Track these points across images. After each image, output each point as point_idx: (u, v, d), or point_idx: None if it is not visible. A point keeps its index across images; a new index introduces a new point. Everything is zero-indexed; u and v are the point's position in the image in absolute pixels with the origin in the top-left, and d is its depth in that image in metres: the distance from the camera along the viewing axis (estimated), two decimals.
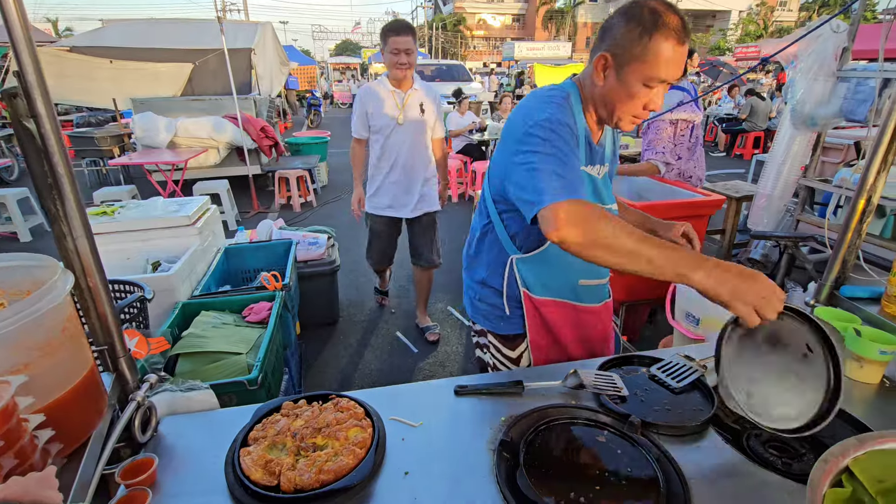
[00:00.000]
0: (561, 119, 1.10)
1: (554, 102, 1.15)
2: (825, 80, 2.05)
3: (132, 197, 5.41)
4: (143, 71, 7.48)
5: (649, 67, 1.06)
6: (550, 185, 1.00)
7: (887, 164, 1.29)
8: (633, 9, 1.06)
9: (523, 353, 1.42)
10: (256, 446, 0.96)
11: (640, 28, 1.04)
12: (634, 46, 1.05)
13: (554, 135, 1.07)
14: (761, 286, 0.91)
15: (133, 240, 2.40)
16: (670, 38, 1.03)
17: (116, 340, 0.95)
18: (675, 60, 1.05)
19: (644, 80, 1.08)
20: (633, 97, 1.11)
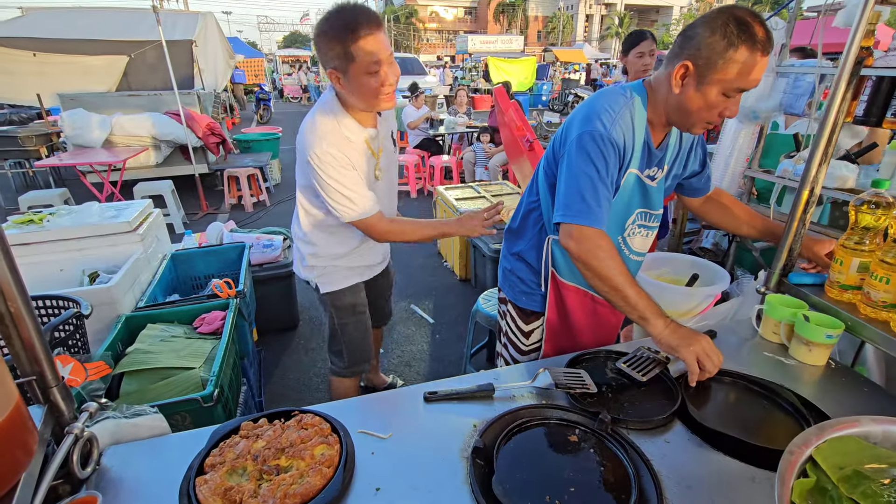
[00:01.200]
0: (612, 137, 1.18)
1: (615, 111, 1.20)
2: (766, 75, 2.15)
3: (64, 201, 5.01)
4: (72, 64, 6.90)
5: (732, 78, 1.07)
6: (576, 205, 1.18)
7: (827, 157, 1.36)
8: (717, 19, 1.06)
9: (535, 329, 1.54)
10: (214, 473, 0.89)
11: (726, 40, 1.05)
12: (718, 57, 1.06)
13: (599, 154, 1.18)
14: (706, 343, 1.15)
15: (66, 249, 2.20)
16: (756, 51, 1.05)
17: (46, 369, 0.85)
18: (757, 71, 1.07)
19: (725, 90, 1.10)
20: (712, 106, 1.13)
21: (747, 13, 1.06)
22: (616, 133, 1.19)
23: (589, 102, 1.27)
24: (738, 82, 1.08)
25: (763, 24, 1.06)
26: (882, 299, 1.22)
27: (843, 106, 1.32)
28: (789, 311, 1.35)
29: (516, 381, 1.20)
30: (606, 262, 1.17)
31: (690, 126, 1.22)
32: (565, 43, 40.45)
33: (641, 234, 1.44)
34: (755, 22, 1.05)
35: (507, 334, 1.61)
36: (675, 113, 1.21)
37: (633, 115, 1.23)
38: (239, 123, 12.96)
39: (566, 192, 1.21)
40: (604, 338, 1.58)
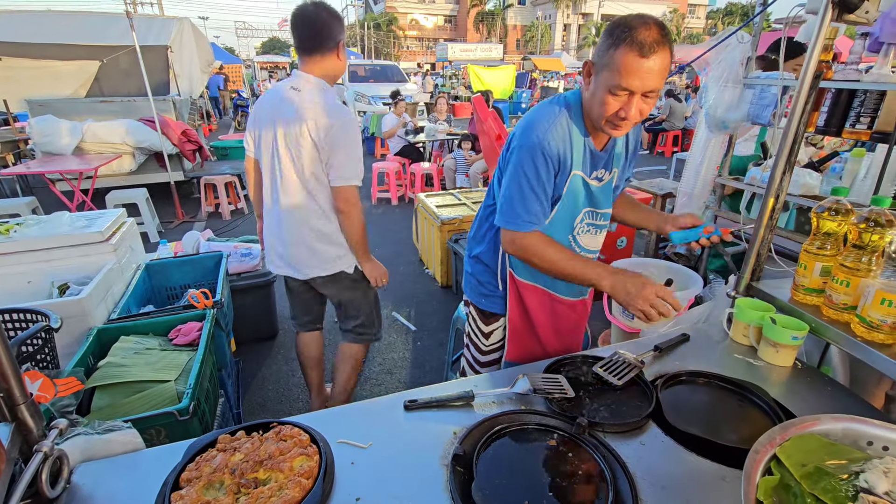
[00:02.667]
0: (544, 148, 1.26)
1: (549, 122, 1.28)
2: (734, 86, 2.23)
3: (32, 210, 4.85)
4: (41, 69, 6.70)
5: (611, 76, 1.14)
6: (507, 213, 1.33)
7: (791, 166, 1.42)
8: (614, 23, 1.15)
9: (495, 330, 1.61)
10: (190, 488, 0.87)
11: (610, 40, 1.14)
12: (605, 56, 1.15)
13: (531, 165, 1.27)
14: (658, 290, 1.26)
15: (34, 260, 2.13)
16: (632, 50, 1.10)
17: (14, 385, 0.83)
18: (638, 72, 1.11)
19: (608, 88, 1.16)
20: (603, 104, 1.19)
21: (641, 20, 1.11)
22: (548, 144, 1.27)
23: (527, 115, 1.36)
24: (618, 80, 1.13)
25: (653, 30, 1.10)
26: (843, 301, 1.28)
27: (804, 118, 1.38)
28: (757, 314, 1.39)
29: (496, 388, 1.22)
30: (541, 254, 1.32)
31: (599, 126, 1.27)
32: (543, 51, 41.11)
33: (591, 233, 1.52)
34: (643, 26, 1.10)
35: (469, 335, 1.69)
36: (587, 114, 1.29)
37: (568, 123, 1.30)
38: (216, 130, 12.77)
39: (502, 200, 1.35)
40: (567, 336, 1.62)
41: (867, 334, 1.20)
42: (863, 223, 1.23)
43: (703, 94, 2.39)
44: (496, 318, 1.59)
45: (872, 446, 0.79)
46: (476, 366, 1.70)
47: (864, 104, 1.79)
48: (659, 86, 1.16)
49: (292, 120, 1.83)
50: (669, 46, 1.13)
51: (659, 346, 1.42)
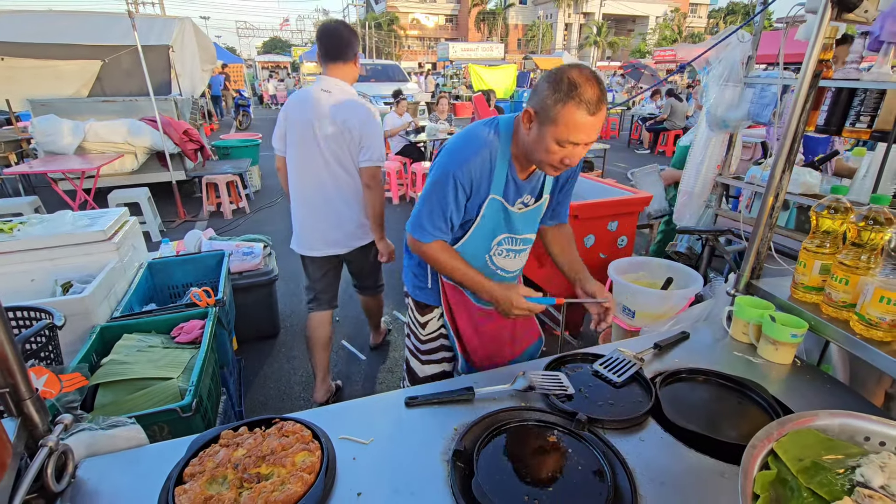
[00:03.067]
0: (457, 175, 1.33)
1: (471, 150, 1.34)
2: (734, 85, 2.24)
3: (35, 210, 4.87)
4: (43, 69, 6.72)
5: (561, 130, 1.18)
6: (416, 223, 1.42)
7: (791, 164, 1.42)
8: (557, 75, 1.18)
9: (430, 321, 1.69)
10: (193, 482, 0.88)
11: (557, 94, 1.16)
12: (551, 110, 1.18)
13: (443, 189, 1.35)
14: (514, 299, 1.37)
15: (38, 259, 2.15)
16: (581, 108, 1.15)
17: (20, 381, 0.84)
18: (585, 127, 1.18)
19: (556, 140, 1.21)
20: (549, 152, 1.24)
21: (584, 76, 1.16)
22: (464, 173, 1.33)
23: (456, 136, 1.41)
24: (567, 135, 1.19)
25: (595, 87, 1.16)
26: (842, 299, 1.29)
27: (803, 116, 1.39)
28: (757, 312, 1.40)
29: (496, 385, 1.22)
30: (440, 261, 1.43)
31: (540, 166, 1.34)
32: (545, 51, 41.07)
33: (509, 257, 1.55)
34: (588, 84, 1.15)
35: (410, 325, 1.78)
36: (526, 152, 1.33)
37: (492, 152, 1.35)
38: (218, 129, 12.79)
39: (414, 210, 1.43)
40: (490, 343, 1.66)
41: (866, 332, 1.21)
42: (862, 221, 1.24)
43: (704, 94, 2.39)
44: (430, 310, 1.68)
45: (869, 442, 0.80)
46: (418, 354, 1.76)
47: (863, 103, 1.80)
48: (597, 136, 1.24)
49: (327, 116, 2.15)
50: (606, 99, 1.20)
51: (658, 344, 1.42)
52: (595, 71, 1.20)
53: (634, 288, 2.09)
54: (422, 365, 1.75)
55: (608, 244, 2.71)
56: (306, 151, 2.22)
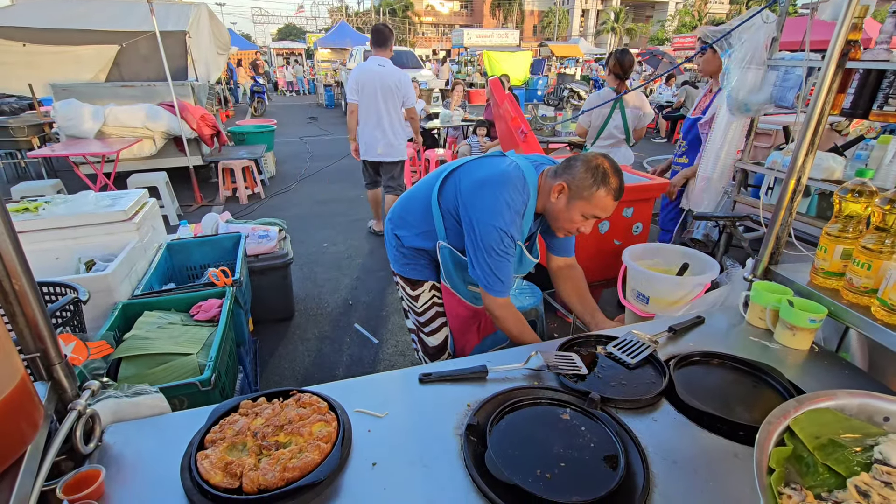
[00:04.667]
0: (512, 233, 1.45)
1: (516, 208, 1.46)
2: (757, 68, 2.18)
3: (57, 192, 4.98)
4: (62, 54, 6.80)
5: (591, 208, 1.44)
6: (496, 285, 1.50)
7: (814, 147, 1.39)
8: (594, 161, 1.42)
9: (421, 293, 1.83)
10: (214, 449, 0.91)
11: (592, 178, 1.40)
12: (584, 190, 1.42)
13: (504, 245, 1.45)
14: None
15: (62, 238, 2.20)
16: (610, 194, 1.41)
17: (50, 346, 0.87)
18: (608, 209, 1.44)
19: (583, 214, 1.46)
20: (573, 222, 1.48)
21: (613, 167, 1.42)
22: (515, 229, 1.47)
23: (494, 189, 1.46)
24: (594, 212, 1.44)
25: (620, 177, 1.42)
26: (863, 285, 1.26)
27: (829, 97, 1.35)
28: (775, 297, 1.38)
29: (509, 364, 1.23)
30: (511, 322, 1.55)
31: (556, 229, 1.56)
32: (561, 38, 40.36)
33: None
34: (615, 175, 1.41)
35: (404, 302, 1.91)
36: (549, 215, 1.54)
37: (527, 206, 1.50)
38: (233, 116, 12.88)
39: (485, 272, 1.49)
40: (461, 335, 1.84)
41: (888, 317, 1.19)
42: (887, 205, 1.21)
43: (725, 77, 2.34)
44: (420, 284, 1.82)
45: (889, 422, 0.79)
46: (421, 328, 1.88)
47: (892, 85, 1.74)
48: None
49: (385, 79, 4.00)
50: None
51: (673, 328, 1.42)
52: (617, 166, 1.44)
53: (649, 274, 2.07)
54: (427, 337, 1.87)
55: (623, 231, 2.68)
56: (372, 100, 4.05)
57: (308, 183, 7.08)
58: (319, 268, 4.25)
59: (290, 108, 16.30)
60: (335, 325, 3.35)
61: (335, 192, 6.60)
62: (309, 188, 6.81)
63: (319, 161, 8.32)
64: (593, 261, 2.67)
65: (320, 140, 10.42)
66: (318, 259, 4.44)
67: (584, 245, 2.62)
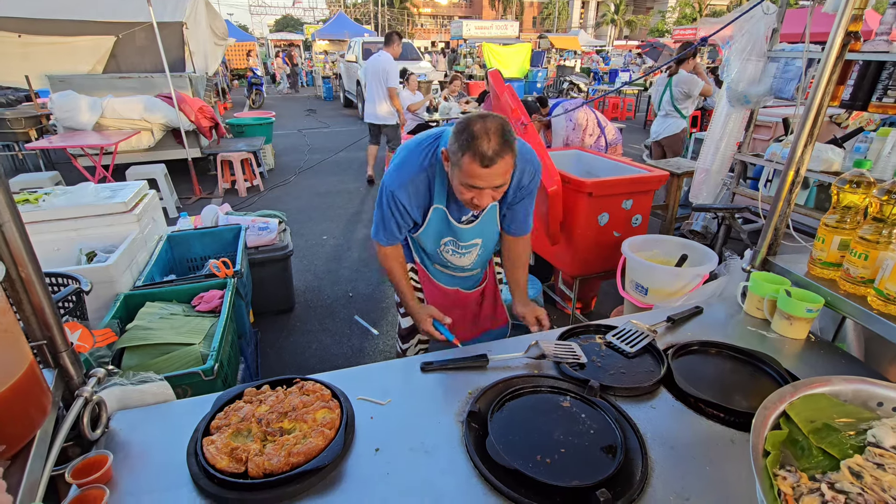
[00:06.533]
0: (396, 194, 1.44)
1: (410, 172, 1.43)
2: (757, 60, 2.18)
3: (55, 184, 4.96)
4: (58, 45, 6.75)
5: (462, 175, 1.28)
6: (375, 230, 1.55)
7: (813, 138, 1.40)
8: (462, 124, 1.26)
9: None
10: (220, 434, 0.93)
11: (458, 144, 1.25)
12: (455, 155, 1.27)
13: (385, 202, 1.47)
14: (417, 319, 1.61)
15: (62, 229, 2.20)
16: (475, 161, 1.22)
17: (56, 334, 0.88)
18: (481, 177, 1.25)
19: (460, 181, 1.30)
20: (459, 192, 1.34)
21: (485, 128, 1.22)
22: (401, 192, 1.43)
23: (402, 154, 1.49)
24: (466, 180, 1.27)
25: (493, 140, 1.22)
26: (860, 275, 1.28)
27: (828, 88, 1.36)
28: (772, 287, 1.40)
29: (509, 353, 1.25)
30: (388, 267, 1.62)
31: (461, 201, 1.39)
32: (561, 30, 40.10)
33: (456, 256, 1.66)
34: (485, 137, 1.21)
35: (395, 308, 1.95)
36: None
37: (429, 177, 1.44)
38: (231, 108, 12.81)
39: (374, 220, 1.56)
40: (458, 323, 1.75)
41: (884, 307, 1.21)
42: (885, 196, 1.22)
43: (725, 69, 2.34)
44: None
45: (882, 407, 0.81)
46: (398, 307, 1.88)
47: (892, 77, 1.74)
48: (504, 181, 1.30)
49: (377, 66, 5.64)
50: (511, 149, 1.25)
51: (672, 318, 1.43)
52: (502, 122, 1.25)
53: (648, 265, 2.09)
54: (401, 318, 1.87)
55: (622, 222, 2.69)
56: (371, 81, 5.74)
57: (307, 175, 7.07)
58: (319, 260, 4.26)
59: (288, 101, 16.21)
60: (335, 316, 3.37)
61: (334, 185, 6.59)
62: (308, 180, 6.80)
63: (318, 153, 8.30)
64: (592, 252, 2.68)
65: (319, 132, 10.38)
66: (317, 251, 4.45)
67: (583, 237, 2.63)
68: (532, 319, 1.57)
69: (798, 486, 0.64)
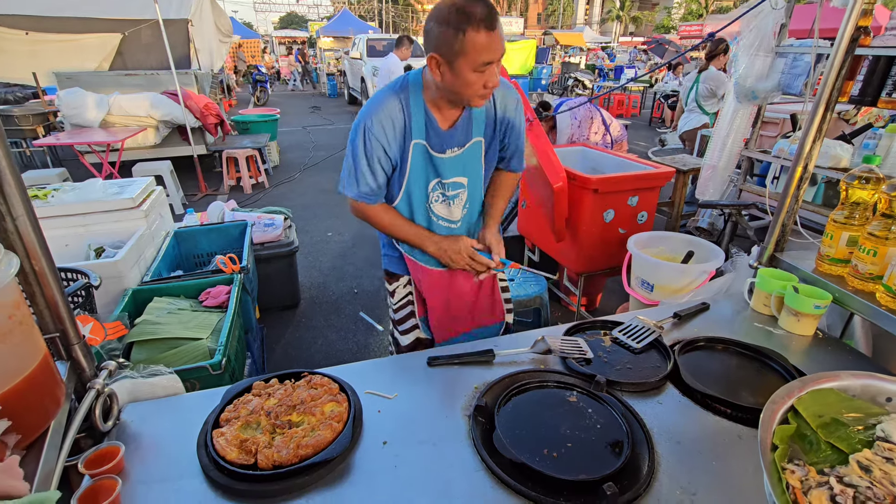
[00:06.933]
0: (368, 125, 1.35)
1: (378, 102, 1.35)
2: (765, 55, 2.16)
3: (63, 180, 5.00)
4: (65, 43, 6.79)
5: (473, 57, 1.18)
6: (348, 181, 1.44)
7: (821, 134, 1.39)
8: (441, 11, 1.18)
9: (397, 289, 1.71)
10: (229, 427, 0.94)
11: (452, 28, 1.15)
12: (454, 44, 1.17)
13: (357, 140, 1.37)
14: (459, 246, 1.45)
15: (71, 225, 2.23)
16: (481, 29, 1.15)
17: (69, 327, 0.89)
18: (492, 44, 1.18)
19: (473, 68, 1.21)
20: (470, 84, 1.24)
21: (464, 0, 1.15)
22: (373, 122, 1.34)
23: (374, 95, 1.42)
24: (480, 58, 1.19)
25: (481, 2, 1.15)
26: (869, 271, 1.27)
27: (837, 84, 1.35)
28: (780, 283, 1.39)
29: (515, 348, 1.25)
30: (378, 218, 1.48)
31: (466, 102, 1.33)
32: (566, 26, 39.90)
33: (445, 203, 1.51)
34: (474, 5, 1.14)
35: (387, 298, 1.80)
36: (448, 94, 1.32)
37: (402, 101, 1.35)
38: (236, 105, 12.85)
39: (343, 171, 1.46)
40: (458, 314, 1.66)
41: (893, 303, 1.20)
42: (894, 192, 1.21)
43: (733, 64, 2.32)
44: (396, 278, 1.71)
45: (891, 403, 0.81)
46: (395, 325, 1.76)
47: None
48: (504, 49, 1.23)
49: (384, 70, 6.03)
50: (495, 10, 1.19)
51: (678, 314, 1.43)
52: None
53: (654, 261, 2.08)
54: (400, 335, 1.76)
55: (628, 219, 2.69)
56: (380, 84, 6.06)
57: (312, 172, 7.08)
58: (324, 257, 4.27)
59: (292, 98, 16.23)
60: (340, 313, 3.38)
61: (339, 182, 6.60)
62: (313, 177, 6.82)
63: (323, 150, 8.31)
64: (597, 249, 2.67)
65: (323, 129, 10.39)
66: (322, 248, 4.47)
67: (588, 233, 2.63)
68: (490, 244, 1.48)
69: (806, 480, 0.64)
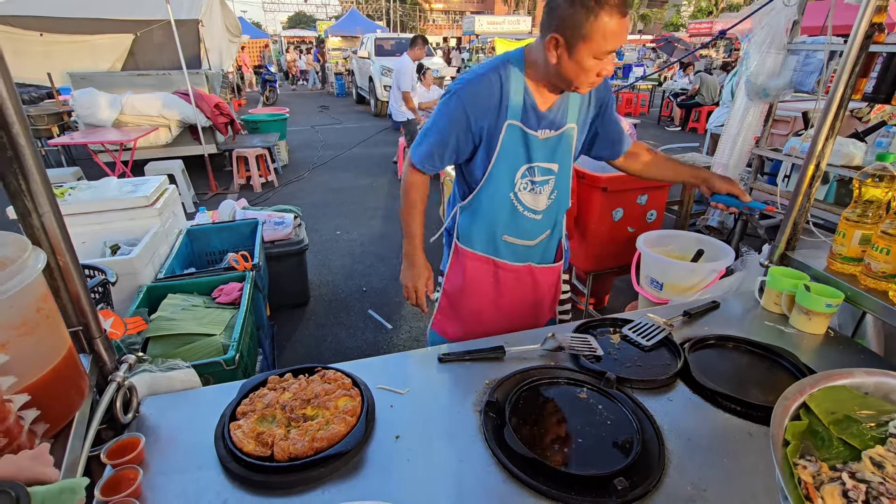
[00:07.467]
0: (460, 93, 1.30)
1: (477, 73, 1.32)
2: (777, 52, 2.15)
3: (77, 179, 5.08)
4: (78, 43, 6.90)
5: (598, 44, 1.14)
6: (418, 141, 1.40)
7: (834, 132, 1.38)
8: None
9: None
10: (246, 420, 0.96)
11: (584, 9, 1.10)
12: (581, 27, 1.12)
13: (444, 107, 1.33)
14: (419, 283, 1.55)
15: (87, 223, 2.27)
16: (614, 14, 1.10)
17: (91, 321, 0.92)
18: (622, 31, 1.13)
19: (595, 55, 1.16)
20: (588, 70, 1.20)
21: None
22: (467, 91, 1.30)
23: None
24: (605, 46, 1.14)
25: None
26: (882, 270, 1.27)
27: (851, 80, 1.34)
28: (791, 282, 1.39)
29: (525, 345, 1.26)
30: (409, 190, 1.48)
31: (575, 88, 1.28)
32: None
33: (533, 192, 1.46)
34: None
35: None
36: (556, 78, 1.28)
37: (502, 77, 1.30)
38: (245, 104, 12.95)
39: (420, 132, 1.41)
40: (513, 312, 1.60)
41: None
42: None
43: (744, 62, 2.31)
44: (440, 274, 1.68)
45: None
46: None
47: None
48: None
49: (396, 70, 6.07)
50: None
51: (688, 312, 1.43)
52: None
53: (663, 260, 2.08)
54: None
55: (637, 218, 2.68)
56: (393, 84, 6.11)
57: (320, 171, 7.13)
58: (333, 255, 4.30)
59: (301, 97, 16.33)
60: (350, 310, 3.41)
61: (348, 181, 6.64)
62: (321, 176, 6.86)
63: (331, 149, 8.36)
64: (606, 247, 2.67)
65: (332, 129, 10.45)
66: (331, 246, 4.50)
67: (597, 232, 2.63)
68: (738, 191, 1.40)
69: (818, 476, 0.65)
